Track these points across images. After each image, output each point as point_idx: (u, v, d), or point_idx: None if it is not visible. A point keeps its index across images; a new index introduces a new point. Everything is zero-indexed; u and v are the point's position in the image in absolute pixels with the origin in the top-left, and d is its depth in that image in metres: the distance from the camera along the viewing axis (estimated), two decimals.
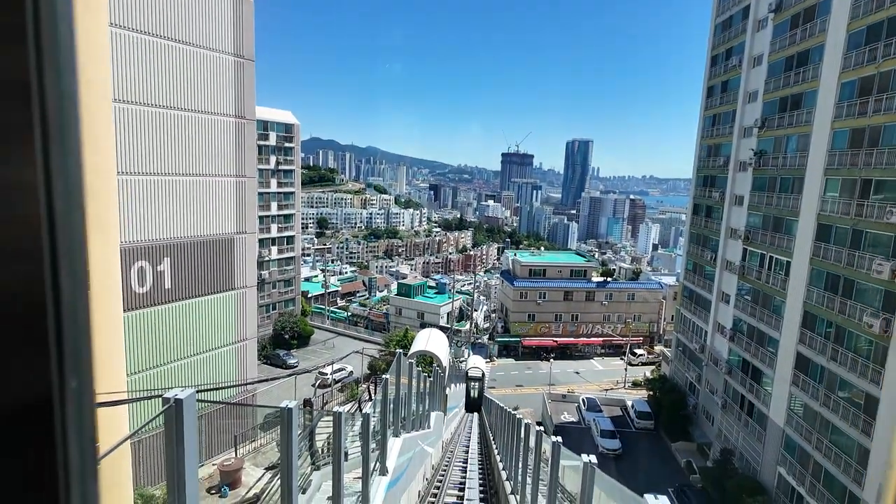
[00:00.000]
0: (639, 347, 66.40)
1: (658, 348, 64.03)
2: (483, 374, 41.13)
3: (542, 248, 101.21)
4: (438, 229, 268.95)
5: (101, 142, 8.71)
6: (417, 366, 21.65)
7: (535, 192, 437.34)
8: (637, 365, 62.90)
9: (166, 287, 19.97)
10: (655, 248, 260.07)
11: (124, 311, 18.29)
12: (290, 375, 38.19)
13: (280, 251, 58.67)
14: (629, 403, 50.11)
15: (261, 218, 55.83)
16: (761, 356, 35.22)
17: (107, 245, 9.26)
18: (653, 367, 60.82)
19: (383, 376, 8.58)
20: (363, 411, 7.77)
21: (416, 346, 19.90)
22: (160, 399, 4.05)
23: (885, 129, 25.47)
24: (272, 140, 56.20)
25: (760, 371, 35.34)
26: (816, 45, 31.01)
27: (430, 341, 19.98)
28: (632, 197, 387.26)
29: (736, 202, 40.04)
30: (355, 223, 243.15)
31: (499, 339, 66.47)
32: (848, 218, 27.54)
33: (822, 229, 29.72)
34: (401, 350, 12.16)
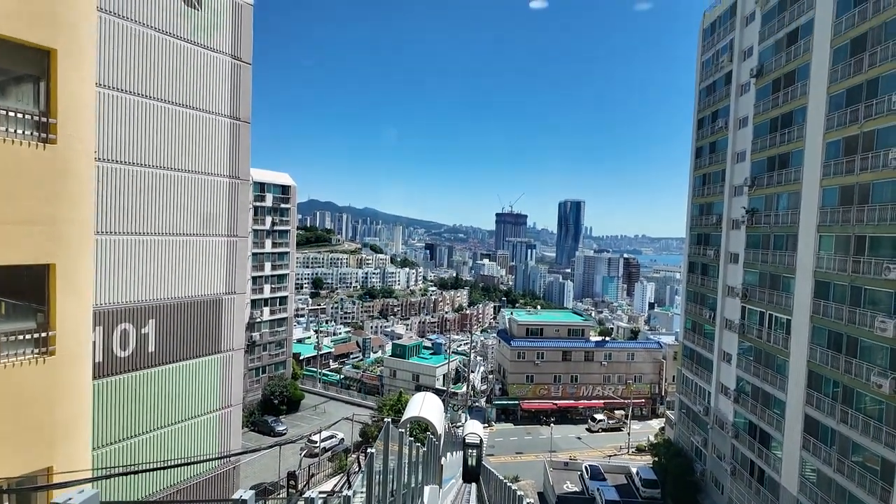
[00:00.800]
0: (599, 412, 63.74)
1: (619, 413, 61.72)
2: (481, 441, 39.54)
3: (539, 307, 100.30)
4: (434, 288, 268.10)
5: (78, 200, 8.39)
6: (411, 434, 20.54)
7: (529, 251, 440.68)
8: (597, 432, 60.49)
9: (150, 350, 19.27)
10: (652, 306, 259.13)
11: (104, 376, 17.43)
12: (273, 445, 36.36)
13: (272, 312, 57.74)
14: (634, 470, 47.80)
15: (254, 278, 55.35)
16: (768, 418, 33.94)
17: (78, 307, 8.72)
18: (616, 431, 58.96)
19: (369, 450, 7.87)
20: (351, 487, 7.03)
21: (409, 411, 18.86)
22: (127, 475, 3.44)
23: (875, 187, 25.75)
24: (268, 201, 56.68)
25: (768, 434, 33.95)
26: (799, 107, 31.99)
27: (425, 407, 18.99)
28: (625, 256, 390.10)
29: (731, 260, 39.99)
30: (351, 283, 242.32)
31: (497, 403, 64.37)
32: (845, 275, 27.32)
33: (819, 286, 29.45)
34: (389, 420, 11.40)
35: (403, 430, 14.39)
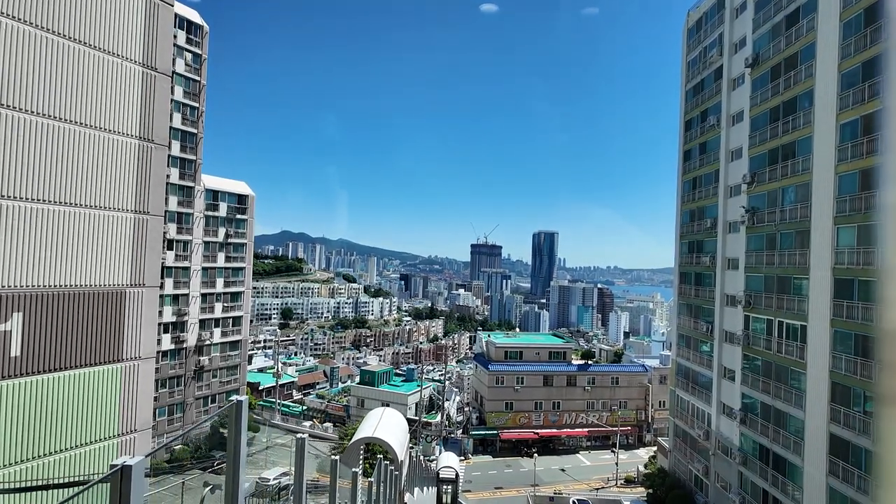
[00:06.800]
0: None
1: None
2: (457, 475, 35.27)
3: (517, 331, 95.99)
4: (409, 318, 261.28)
5: None
6: (370, 461, 15.73)
7: (504, 281, 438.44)
8: None
9: (13, 355, 14.04)
10: (626, 335, 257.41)
11: None
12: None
13: (224, 334, 51.82)
14: None
15: (204, 296, 49.72)
16: (783, 441, 29.86)
17: None
18: None
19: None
20: None
21: (362, 431, 13.98)
22: None
23: None
24: (222, 211, 51.51)
25: (784, 459, 29.80)
26: (804, 90, 29.17)
27: (382, 426, 14.19)
28: (599, 286, 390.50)
29: (729, 266, 36.53)
30: (322, 313, 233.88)
31: (474, 433, 58.98)
32: (872, 268, 23.89)
33: (840, 285, 25.93)
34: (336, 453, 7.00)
35: (343, 460, 9.67)
